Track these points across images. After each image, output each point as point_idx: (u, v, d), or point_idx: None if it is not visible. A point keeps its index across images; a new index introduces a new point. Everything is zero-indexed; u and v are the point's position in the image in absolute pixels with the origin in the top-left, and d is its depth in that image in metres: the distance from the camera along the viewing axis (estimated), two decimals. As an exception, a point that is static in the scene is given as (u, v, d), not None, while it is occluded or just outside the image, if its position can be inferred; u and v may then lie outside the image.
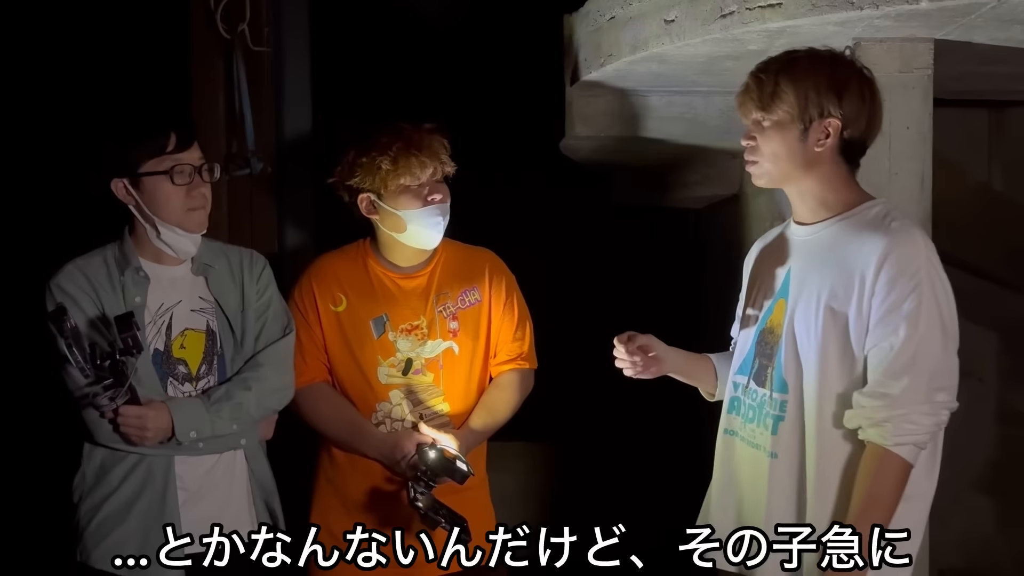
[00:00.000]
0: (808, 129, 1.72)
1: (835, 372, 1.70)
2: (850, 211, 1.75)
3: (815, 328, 1.72)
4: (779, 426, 1.75)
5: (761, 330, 1.84)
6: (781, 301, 1.81)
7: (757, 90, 1.74)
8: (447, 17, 3.61)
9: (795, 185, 1.78)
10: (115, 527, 1.97)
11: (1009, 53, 2.16)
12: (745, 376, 1.86)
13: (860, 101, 1.73)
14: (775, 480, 1.76)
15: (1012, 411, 3.16)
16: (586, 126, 2.74)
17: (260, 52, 2.54)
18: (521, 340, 2.23)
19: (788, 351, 1.76)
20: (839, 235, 1.74)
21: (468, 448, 2.12)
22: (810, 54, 1.76)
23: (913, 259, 1.65)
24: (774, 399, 1.77)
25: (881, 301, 1.65)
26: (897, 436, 1.63)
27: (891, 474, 1.64)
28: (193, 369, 2.03)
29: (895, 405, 1.63)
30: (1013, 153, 3.08)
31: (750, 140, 1.78)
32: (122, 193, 1.98)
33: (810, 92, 1.70)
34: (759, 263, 1.93)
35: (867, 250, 1.67)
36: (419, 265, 2.21)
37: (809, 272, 1.76)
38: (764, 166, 1.77)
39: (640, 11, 2.24)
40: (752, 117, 1.76)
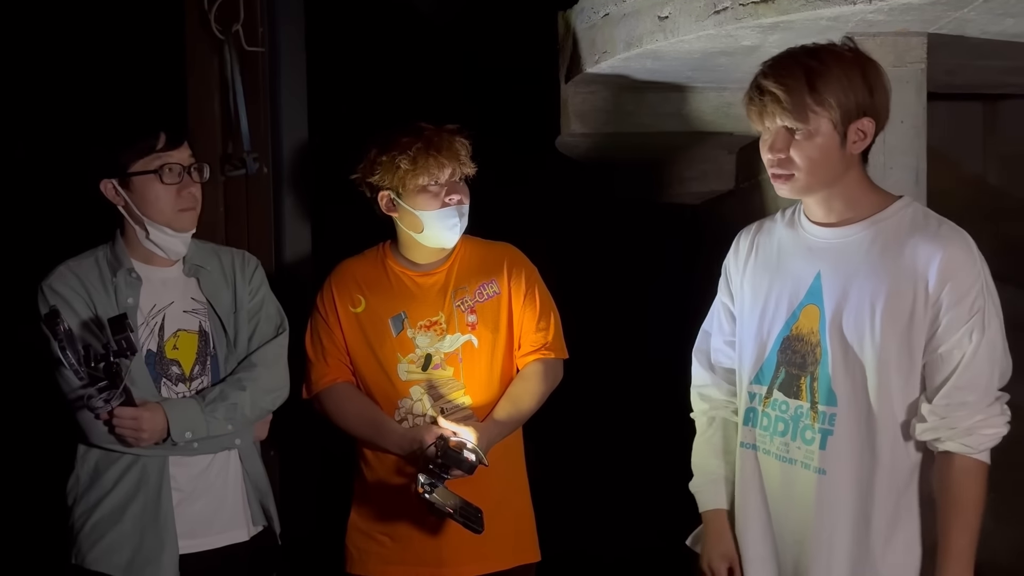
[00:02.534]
0: (847, 132, 1.64)
1: (895, 380, 1.64)
2: (882, 212, 1.69)
3: (872, 336, 1.64)
4: (828, 441, 1.67)
5: (786, 337, 1.74)
6: (812, 307, 1.71)
7: (788, 98, 1.61)
8: (442, 15, 3.61)
9: (828, 191, 1.69)
10: (109, 529, 1.97)
11: (1002, 47, 2.17)
12: (764, 386, 1.77)
13: (885, 95, 1.67)
14: (827, 497, 1.68)
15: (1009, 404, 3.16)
16: (581, 123, 2.74)
17: (255, 52, 2.54)
18: (545, 330, 2.23)
19: (836, 361, 1.67)
20: (881, 238, 1.67)
21: (492, 440, 2.13)
22: (832, 52, 1.65)
23: (972, 264, 1.63)
24: (820, 412, 1.68)
25: (947, 308, 1.61)
26: (980, 443, 1.63)
27: (980, 480, 1.65)
28: (186, 370, 2.03)
29: (974, 412, 1.61)
30: (1007, 146, 3.10)
31: (779, 153, 1.65)
32: (111, 194, 1.99)
33: (849, 94, 1.62)
34: (762, 261, 1.81)
35: (922, 255, 1.62)
36: (437, 262, 2.23)
37: (851, 277, 1.67)
38: (800, 179, 1.66)
39: (634, 7, 2.24)
40: (778, 124, 1.64)
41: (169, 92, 2.58)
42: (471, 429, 2.10)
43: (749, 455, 1.80)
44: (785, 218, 1.81)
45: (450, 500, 2.00)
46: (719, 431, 1.91)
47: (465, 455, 2.03)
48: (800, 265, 1.74)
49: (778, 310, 1.76)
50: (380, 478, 2.21)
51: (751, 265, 1.84)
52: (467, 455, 2.03)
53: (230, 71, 2.48)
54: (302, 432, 2.49)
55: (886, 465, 1.66)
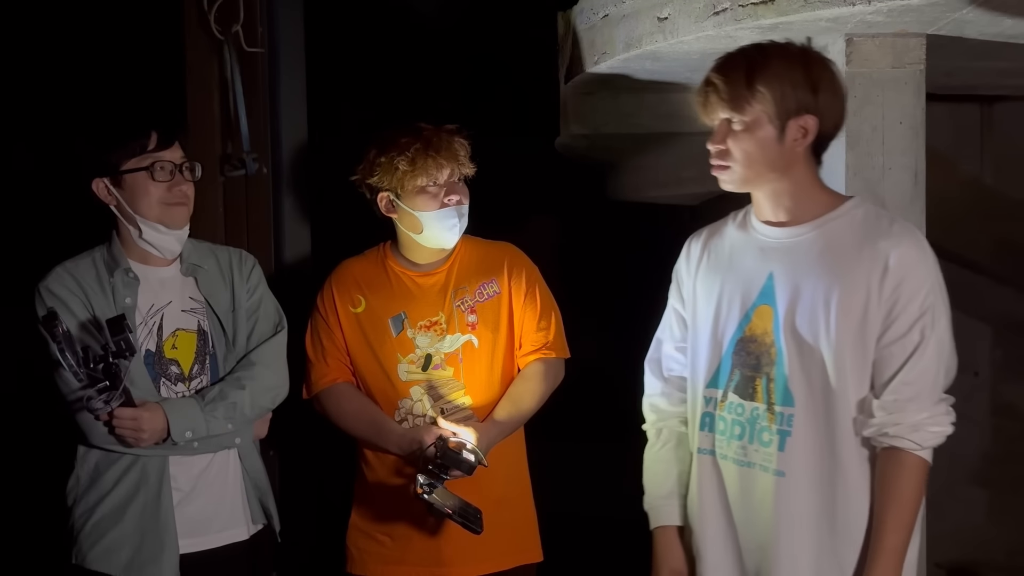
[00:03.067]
0: (784, 128, 1.63)
1: (851, 378, 1.64)
2: (833, 211, 1.68)
3: (827, 335, 1.63)
4: (787, 442, 1.66)
5: (739, 338, 1.72)
6: (765, 307, 1.70)
7: (728, 89, 1.63)
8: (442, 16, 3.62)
9: (769, 187, 1.69)
10: (110, 528, 1.97)
11: (1000, 48, 2.18)
12: (719, 390, 1.75)
13: (833, 95, 1.66)
14: (786, 499, 1.66)
15: (1006, 404, 3.18)
16: (581, 124, 2.75)
17: (254, 53, 2.54)
18: (546, 330, 2.23)
19: (792, 361, 1.66)
20: (834, 237, 1.66)
21: (492, 440, 2.13)
22: (779, 48, 1.67)
23: (924, 262, 1.63)
24: (777, 413, 1.67)
25: (899, 305, 1.61)
26: (925, 440, 1.62)
27: (919, 477, 1.63)
28: (185, 369, 2.03)
29: (920, 408, 1.61)
30: (1004, 147, 3.11)
31: (718, 144, 1.67)
32: (103, 193, 1.99)
33: (786, 89, 1.61)
34: (713, 264, 1.79)
35: (874, 253, 1.62)
36: (437, 262, 2.23)
37: (803, 276, 1.67)
38: (736, 170, 1.68)
39: (633, 8, 2.25)
40: (720, 117, 1.67)
41: (168, 92, 2.58)
42: (471, 429, 2.10)
43: (706, 461, 1.76)
44: (737, 220, 1.80)
45: (449, 501, 2.00)
46: (668, 445, 1.86)
47: (464, 456, 2.03)
48: (752, 266, 1.73)
49: (731, 312, 1.74)
50: (380, 478, 2.21)
51: (703, 269, 1.81)
52: (466, 456, 2.03)
53: (230, 71, 2.48)
54: (302, 432, 2.49)
55: (845, 464, 1.65)
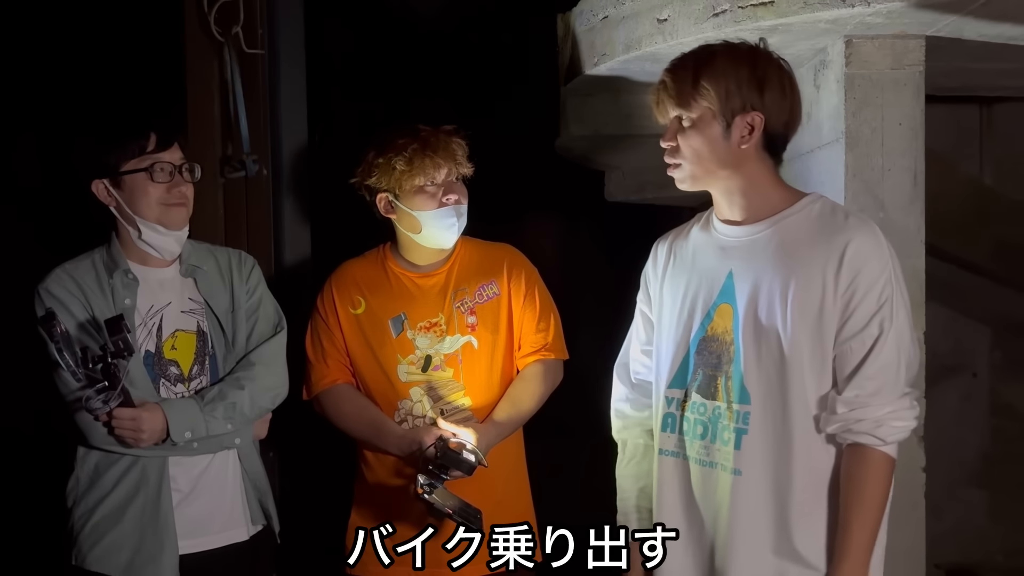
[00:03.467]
0: (731, 125, 1.64)
1: (808, 375, 1.62)
2: (790, 208, 1.68)
3: (784, 331, 1.62)
4: (743, 440, 1.65)
5: (701, 338, 1.72)
6: (725, 306, 1.69)
7: (675, 86, 1.66)
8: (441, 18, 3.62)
9: (721, 184, 1.70)
10: (110, 529, 1.97)
11: (999, 49, 2.18)
12: (681, 390, 1.74)
13: (781, 94, 1.66)
14: (742, 498, 1.64)
15: (1005, 405, 3.18)
16: (580, 125, 2.75)
17: (254, 54, 2.54)
18: (545, 331, 2.24)
19: (748, 358, 1.65)
20: (790, 233, 1.66)
21: (492, 441, 2.14)
22: (728, 47, 1.68)
23: (880, 254, 1.61)
24: (735, 411, 1.66)
25: (855, 299, 1.60)
26: (888, 435, 1.60)
27: (884, 474, 1.62)
28: (185, 370, 2.03)
29: (883, 404, 1.59)
30: (1004, 148, 3.11)
31: (670, 142, 1.69)
32: (103, 194, 1.99)
33: (731, 86, 1.63)
34: (678, 266, 1.80)
35: (829, 247, 1.61)
36: (437, 263, 2.23)
37: (761, 274, 1.66)
38: (686, 168, 1.69)
39: (633, 10, 2.25)
40: (671, 115, 1.69)
41: (168, 94, 2.59)
42: (471, 430, 2.11)
43: (668, 462, 1.75)
44: (700, 221, 1.81)
45: (449, 501, 2.00)
46: (633, 460, 1.87)
47: (464, 456, 2.03)
48: (713, 265, 1.73)
49: (694, 312, 1.74)
50: (380, 479, 2.21)
51: (669, 271, 1.82)
52: (466, 456, 2.04)
53: (230, 73, 2.49)
54: (301, 432, 2.49)
55: (803, 462, 1.63)
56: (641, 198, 3.51)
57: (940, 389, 1.89)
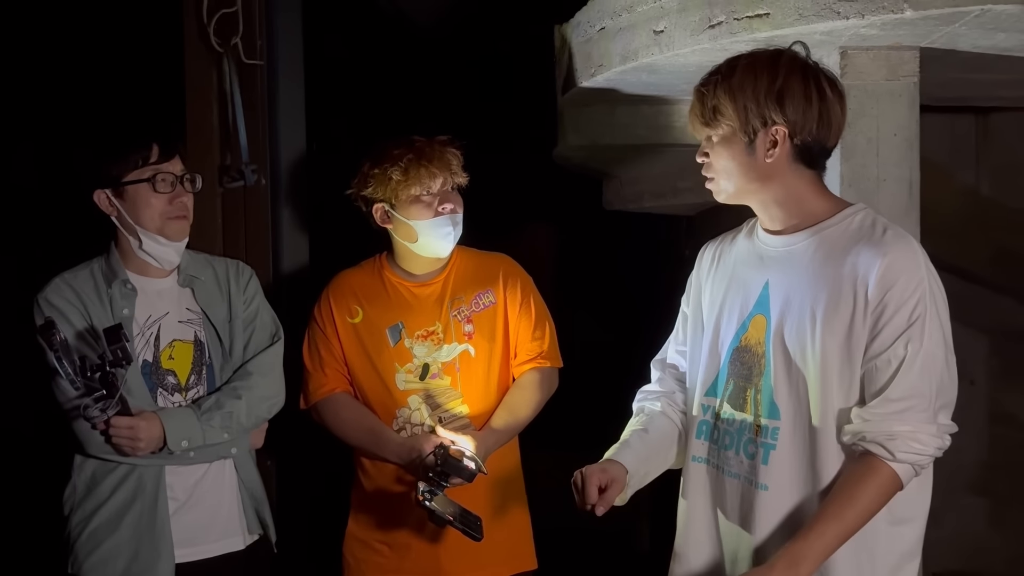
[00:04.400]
0: (754, 141, 1.61)
1: (836, 391, 1.57)
2: (830, 219, 1.64)
3: (812, 344, 1.58)
4: (771, 456, 1.61)
5: (735, 348, 1.69)
6: (759, 317, 1.66)
7: (700, 106, 1.65)
8: (440, 28, 3.63)
9: (755, 197, 1.67)
10: (106, 537, 1.98)
11: (993, 60, 2.19)
12: (716, 398, 1.71)
13: (806, 102, 1.59)
14: (768, 513, 1.61)
15: (1003, 412, 3.18)
16: (578, 135, 2.76)
17: (253, 65, 2.56)
18: (541, 340, 2.26)
19: (779, 372, 1.61)
20: (825, 245, 1.62)
21: (490, 448, 2.15)
22: (751, 58, 1.64)
23: (915, 271, 1.55)
24: (763, 426, 1.63)
25: (885, 316, 1.53)
26: (901, 452, 1.52)
27: (882, 488, 1.53)
28: (182, 379, 2.04)
29: (903, 421, 1.52)
30: (1000, 157, 3.12)
31: (703, 157, 1.69)
32: (105, 204, 2.00)
33: (749, 102, 1.59)
34: (720, 271, 1.77)
35: (864, 261, 1.56)
36: (433, 272, 2.25)
37: (794, 285, 1.62)
38: (720, 183, 1.68)
39: (630, 22, 2.26)
40: (700, 133, 1.68)
41: (168, 104, 2.60)
42: (469, 438, 2.12)
43: (699, 468, 1.73)
44: (747, 228, 1.78)
45: (449, 508, 2.01)
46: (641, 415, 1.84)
47: (465, 463, 2.04)
48: (751, 274, 1.70)
49: (730, 320, 1.71)
50: (378, 487, 2.22)
51: (711, 276, 1.80)
52: (467, 463, 2.04)
53: (229, 83, 2.50)
54: (298, 441, 2.50)
55: (828, 482, 1.58)
56: (638, 207, 3.52)
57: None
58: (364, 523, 2.24)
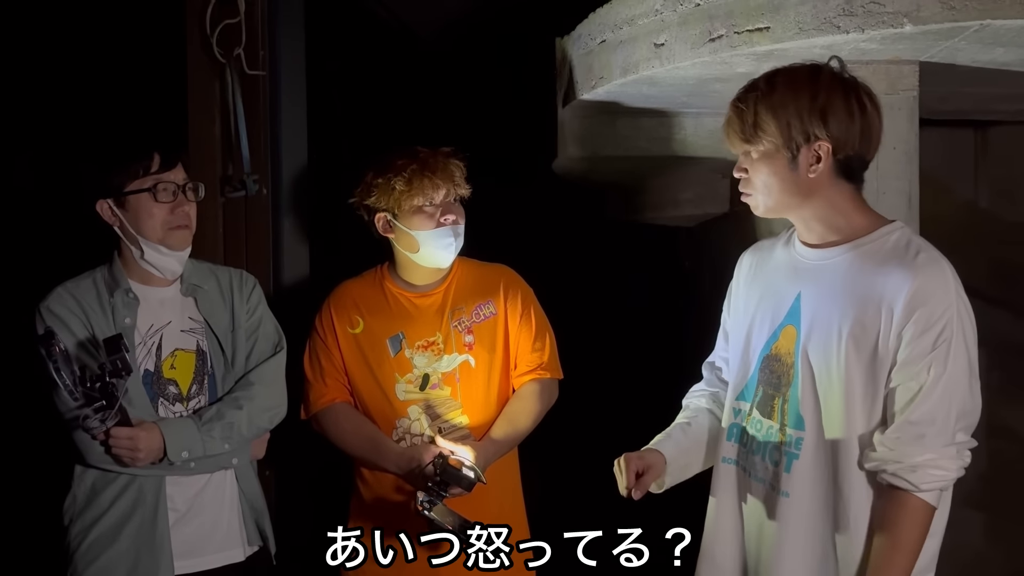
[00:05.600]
0: (797, 156, 1.61)
1: (859, 409, 1.59)
2: (867, 236, 1.64)
3: (837, 361, 1.60)
4: (793, 464, 1.64)
5: (766, 356, 1.72)
6: (790, 327, 1.69)
7: (739, 122, 1.64)
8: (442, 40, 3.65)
9: (796, 212, 1.68)
10: (106, 548, 1.98)
11: (992, 74, 2.20)
12: (747, 403, 1.75)
13: (848, 118, 1.61)
14: (788, 520, 1.66)
15: (1002, 426, 3.18)
16: (578, 146, 2.77)
17: (256, 76, 2.56)
18: (541, 351, 2.26)
19: (805, 385, 1.64)
20: (858, 262, 1.63)
21: (489, 458, 2.15)
22: (789, 74, 1.65)
23: (944, 296, 1.56)
24: (788, 435, 1.66)
25: (911, 339, 1.55)
26: (926, 482, 1.55)
27: (919, 520, 1.57)
28: (184, 389, 2.04)
29: (924, 450, 1.54)
30: (998, 171, 3.13)
31: (742, 172, 1.69)
32: (107, 214, 2.01)
33: (792, 119, 1.60)
34: (756, 279, 1.81)
35: (894, 282, 1.56)
36: (434, 283, 2.25)
37: (824, 300, 1.64)
38: (758, 198, 1.68)
39: (631, 35, 2.27)
40: (738, 148, 1.68)
41: (170, 114, 2.61)
42: (469, 448, 2.12)
43: (728, 470, 1.78)
44: (786, 237, 1.80)
45: (449, 518, 2.01)
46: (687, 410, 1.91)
47: (464, 473, 2.05)
48: (785, 285, 1.73)
49: (762, 328, 1.74)
50: (377, 496, 2.22)
51: (747, 283, 1.83)
52: (466, 473, 2.05)
53: (231, 94, 2.51)
54: (297, 451, 2.50)
55: (848, 495, 1.61)
56: (639, 218, 3.53)
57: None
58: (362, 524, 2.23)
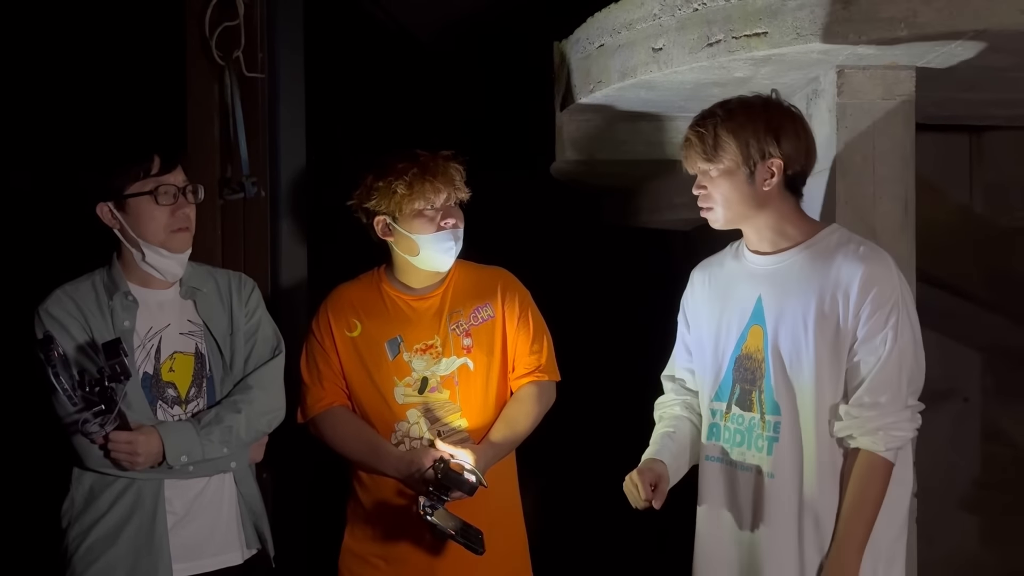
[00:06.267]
0: (754, 172, 1.86)
1: (828, 387, 1.83)
2: (812, 239, 1.90)
3: (807, 348, 1.84)
4: (775, 447, 1.87)
5: (738, 356, 1.94)
6: (756, 327, 1.91)
7: (700, 144, 1.88)
8: (440, 44, 3.65)
9: (751, 222, 1.92)
10: (104, 551, 1.97)
11: (988, 80, 2.22)
12: (723, 402, 1.96)
13: (796, 139, 1.87)
14: (774, 497, 1.87)
15: (996, 429, 3.20)
16: (576, 150, 2.78)
17: (255, 78, 2.57)
18: (538, 353, 2.27)
19: (777, 374, 1.87)
20: (809, 261, 1.87)
21: (489, 461, 2.15)
22: (743, 102, 1.89)
23: (889, 279, 1.82)
24: (767, 421, 1.89)
25: (867, 319, 1.80)
26: (887, 443, 1.80)
27: (880, 477, 1.81)
28: (182, 392, 2.04)
29: (884, 415, 1.79)
30: (993, 176, 3.14)
31: (701, 189, 1.91)
32: (107, 217, 2.00)
33: (750, 139, 1.85)
34: (713, 291, 2.01)
35: (846, 272, 1.82)
36: (432, 286, 2.25)
37: (786, 298, 1.88)
38: (718, 211, 1.91)
39: (629, 39, 2.28)
40: (699, 168, 1.90)
41: (169, 116, 2.61)
42: (468, 451, 2.12)
43: (713, 467, 1.97)
44: (732, 251, 2.02)
45: (451, 522, 2.02)
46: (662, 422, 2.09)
47: (466, 476, 2.05)
48: (744, 290, 1.95)
49: (729, 333, 1.96)
50: (375, 500, 2.21)
51: (705, 296, 2.03)
52: (467, 476, 2.05)
53: (230, 96, 2.51)
54: (295, 454, 2.50)
55: (824, 465, 1.83)
56: (636, 222, 3.54)
57: (932, 414, 1.92)
58: (360, 537, 2.23)
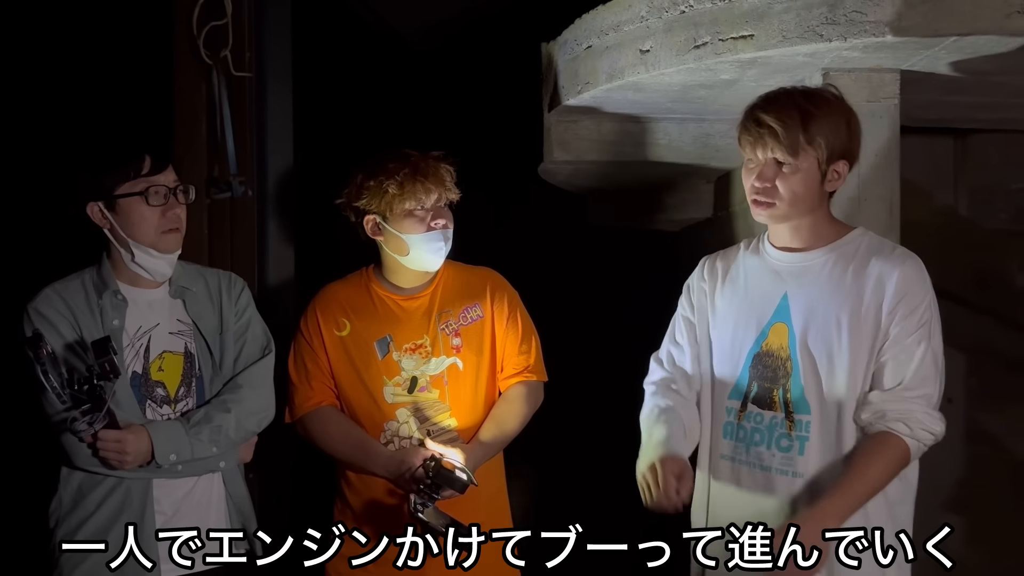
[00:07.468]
0: (827, 172, 1.81)
1: (860, 382, 1.80)
2: (842, 239, 1.87)
3: (840, 348, 1.80)
4: (806, 446, 1.82)
5: (756, 353, 1.88)
6: (780, 325, 1.86)
7: (786, 135, 1.76)
8: (428, 44, 3.66)
9: (802, 220, 1.86)
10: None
11: (972, 83, 2.24)
12: (738, 400, 1.91)
13: (860, 140, 1.85)
14: (805, 499, 1.81)
15: (980, 431, 3.22)
16: (563, 151, 2.79)
17: (242, 77, 2.56)
18: (527, 353, 2.28)
19: (807, 372, 1.83)
20: (841, 261, 1.84)
21: (478, 461, 2.16)
22: (824, 99, 1.81)
23: (923, 283, 1.81)
24: (797, 421, 1.84)
25: (901, 317, 1.78)
26: (914, 430, 1.76)
27: (896, 459, 1.77)
28: (171, 392, 2.03)
29: (917, 405, 1.76)
30: (978, 178, 3.16)
31: (767, 182, 1.80)
32: (97, 216, 2.00)
33: (835, 139, 1.79)
34: (729, 286, 1.95)
35: (881, 273, 1.80)
36: (421, 286, 2.25)
37: (817, 296, 1.84)
38: (780, 207, 1.82)
39: (616, 41, 2.29)
40: (769, 158, 1.79)
41: (157, 115, 2.60)
42: (458, 450, 2.13)
43: (725, 465, 1.93)
44: (749, 247, 1.97)
45: (442, 520, 2.02)
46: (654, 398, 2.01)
47: (457, 475, 2.06)
48: (767, 287, 1.90)
49: (747, 329, 1.90)
50: (363, 501, 2.22)
51: (721, 288, 1.97)
52: (459, 475, 2.06)
53: (217, 95, 2.51)
54: (280, 454, 2.49)
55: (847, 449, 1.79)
56: (623, 223, 3.55)
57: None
58: (347, 537, 2.23)
